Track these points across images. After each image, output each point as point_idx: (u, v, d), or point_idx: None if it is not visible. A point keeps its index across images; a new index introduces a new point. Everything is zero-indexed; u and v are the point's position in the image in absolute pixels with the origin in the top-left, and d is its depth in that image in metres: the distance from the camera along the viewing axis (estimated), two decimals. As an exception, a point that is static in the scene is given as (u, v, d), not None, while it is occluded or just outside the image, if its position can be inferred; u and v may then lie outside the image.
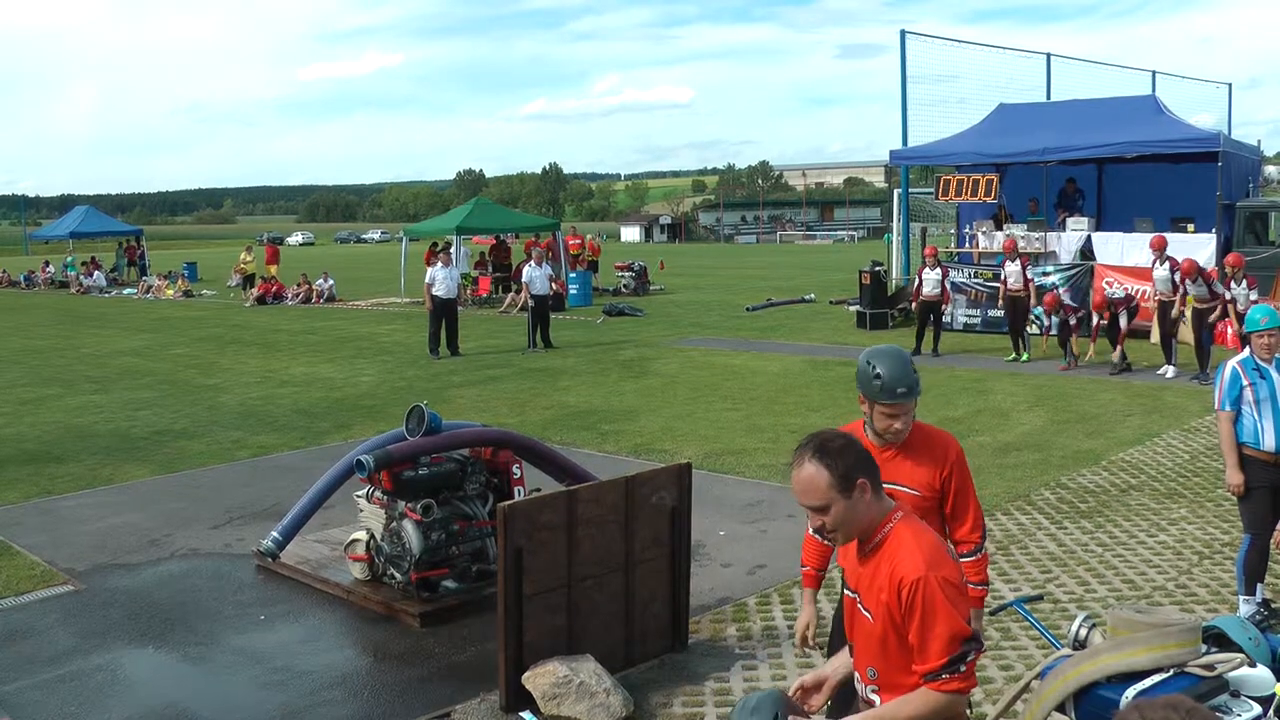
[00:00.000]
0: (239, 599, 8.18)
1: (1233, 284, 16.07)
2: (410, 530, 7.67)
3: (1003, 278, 19.15)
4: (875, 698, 3.33)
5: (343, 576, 8.26)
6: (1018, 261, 18.69)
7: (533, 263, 23.04)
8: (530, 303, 22.34)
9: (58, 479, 11.99)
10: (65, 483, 11.82)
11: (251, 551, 8.98)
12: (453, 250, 29.80)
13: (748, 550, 8.86)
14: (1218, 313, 16.17)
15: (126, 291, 43.83)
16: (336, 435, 13.79)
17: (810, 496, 3.18)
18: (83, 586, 8.53)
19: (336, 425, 14.50)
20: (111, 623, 7.77)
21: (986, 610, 6.93)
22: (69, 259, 49.74)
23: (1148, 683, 3.94)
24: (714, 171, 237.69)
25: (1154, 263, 16.90)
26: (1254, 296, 15.44)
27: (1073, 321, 17.76)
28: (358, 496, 8.36)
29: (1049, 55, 27.00)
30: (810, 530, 4.38)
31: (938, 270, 19.11)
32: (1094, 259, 21.22)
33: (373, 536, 8.05)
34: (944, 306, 19.85)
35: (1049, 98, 26.08)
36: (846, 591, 3.46)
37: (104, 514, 10.55)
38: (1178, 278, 16.31)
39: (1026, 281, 18.56)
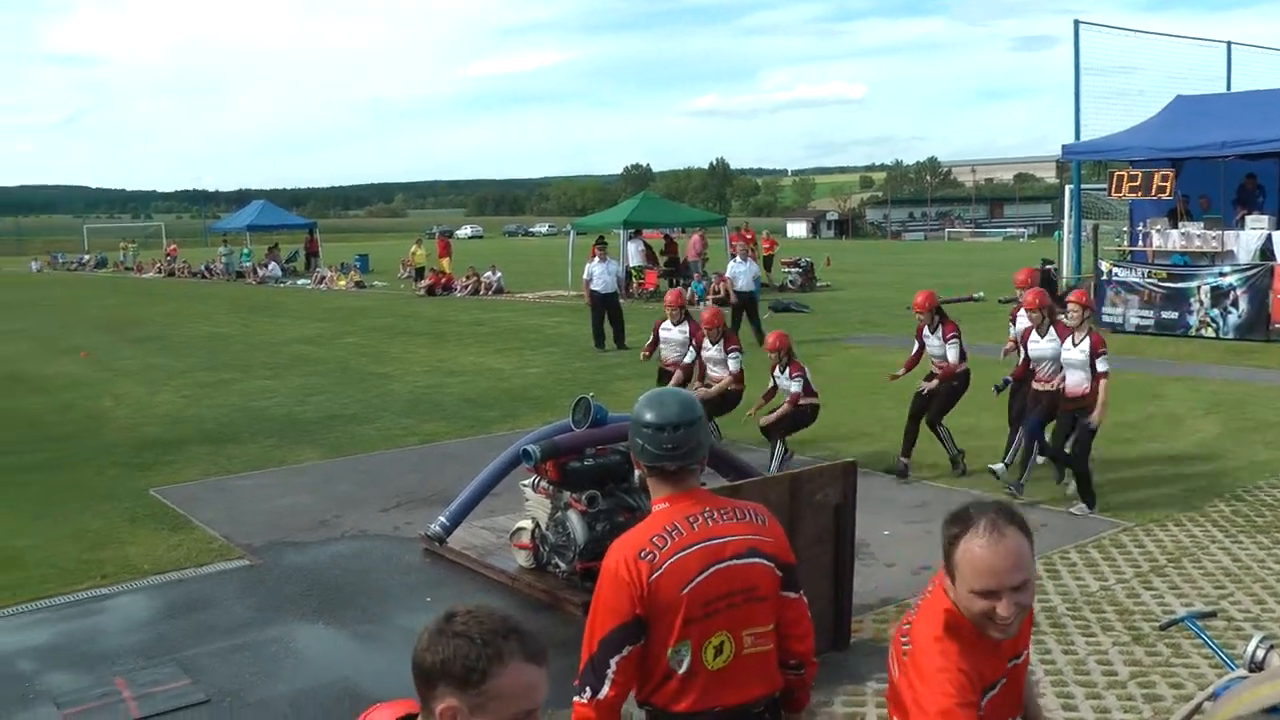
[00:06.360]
0: (406, 580, 8.34)
1: None
2: (575, 521, 7.70)
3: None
4: None
5: (508, 564, 8.35)
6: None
7: (737, 258, 22.26)
8: (733, 299, 21.69)
9: (234, 459, 12.42)
10: (240, 462, 12.25)
11: (419, 535, 9.14)
12: (620, 244, 29.81)
13: (912, 551, 8.65)
14: None
15: (300, 282, 45.22)
16: (504, 425, 13.97)
17: (1022, 571, 2.63)
18: (258, 561, 8.82)
19: (504, 415, 14.70)
20: (285, 597, 8.00)
21: (1158, 624, 6.67)
22: (246, 250, 51.55)
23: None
24: (882, 167, 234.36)
25: None
26: None
27: None
28: (524, 485, 8.44)
29: (1229, 44, 25.92)
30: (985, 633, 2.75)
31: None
32: (1274, 259, 20.10)
33: (538, 525, 8.11)
34: None
35: (1229, 88, 24.97)
36: (993, 692, 2.84)
37: (277, 493, 10.88)
38: None
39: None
